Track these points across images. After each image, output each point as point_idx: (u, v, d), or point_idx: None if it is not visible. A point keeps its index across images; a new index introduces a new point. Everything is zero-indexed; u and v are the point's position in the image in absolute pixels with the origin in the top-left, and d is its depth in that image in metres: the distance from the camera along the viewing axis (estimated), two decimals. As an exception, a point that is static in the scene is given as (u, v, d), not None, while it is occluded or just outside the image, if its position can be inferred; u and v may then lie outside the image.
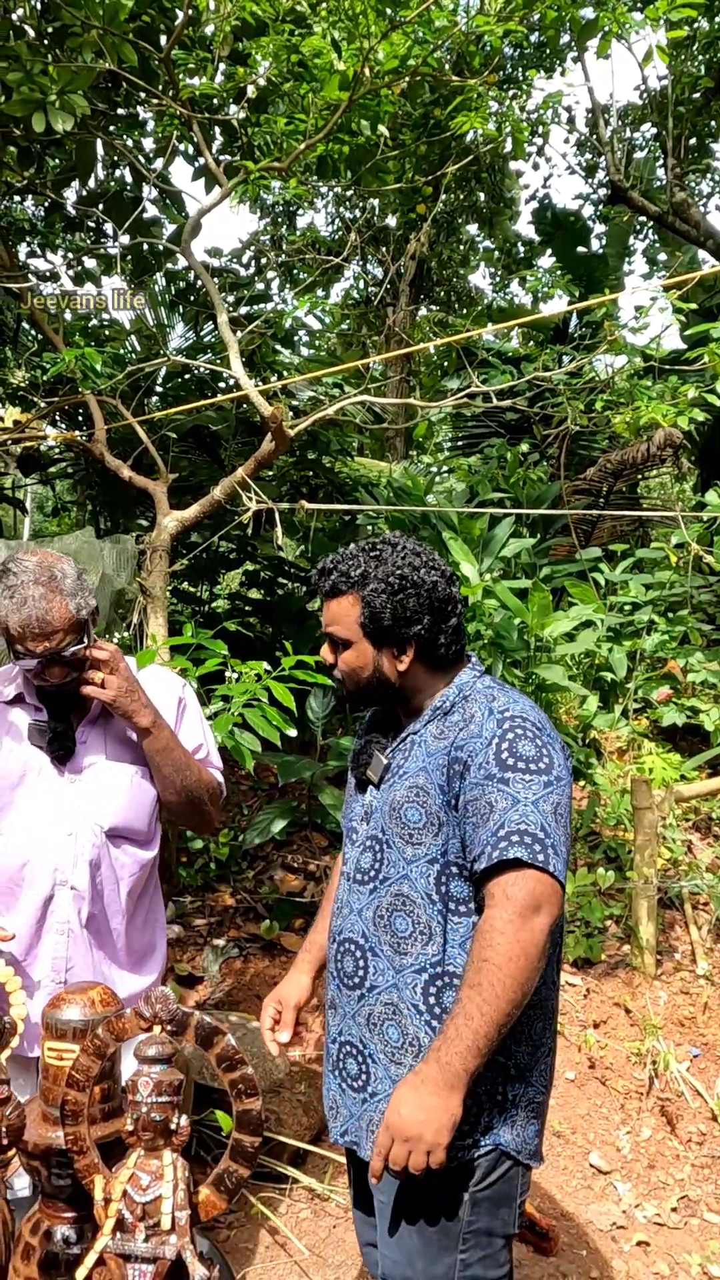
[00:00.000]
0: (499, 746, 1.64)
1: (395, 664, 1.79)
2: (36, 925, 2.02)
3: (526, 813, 1.58)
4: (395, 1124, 1.55)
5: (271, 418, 2.78)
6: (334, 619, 1.81)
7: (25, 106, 2.76)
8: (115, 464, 3.19)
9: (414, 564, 1.78)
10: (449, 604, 1.79)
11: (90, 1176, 1.56)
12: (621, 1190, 3.07)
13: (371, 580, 1.77)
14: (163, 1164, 1.49)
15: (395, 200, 5.84)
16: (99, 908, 2.06)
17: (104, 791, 2.07)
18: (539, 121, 7.02)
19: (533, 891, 1.56)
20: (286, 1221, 2.82)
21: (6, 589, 1.93)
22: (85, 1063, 1.57)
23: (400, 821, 1.73)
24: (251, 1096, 1.54)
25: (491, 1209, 1.72)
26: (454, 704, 1.76)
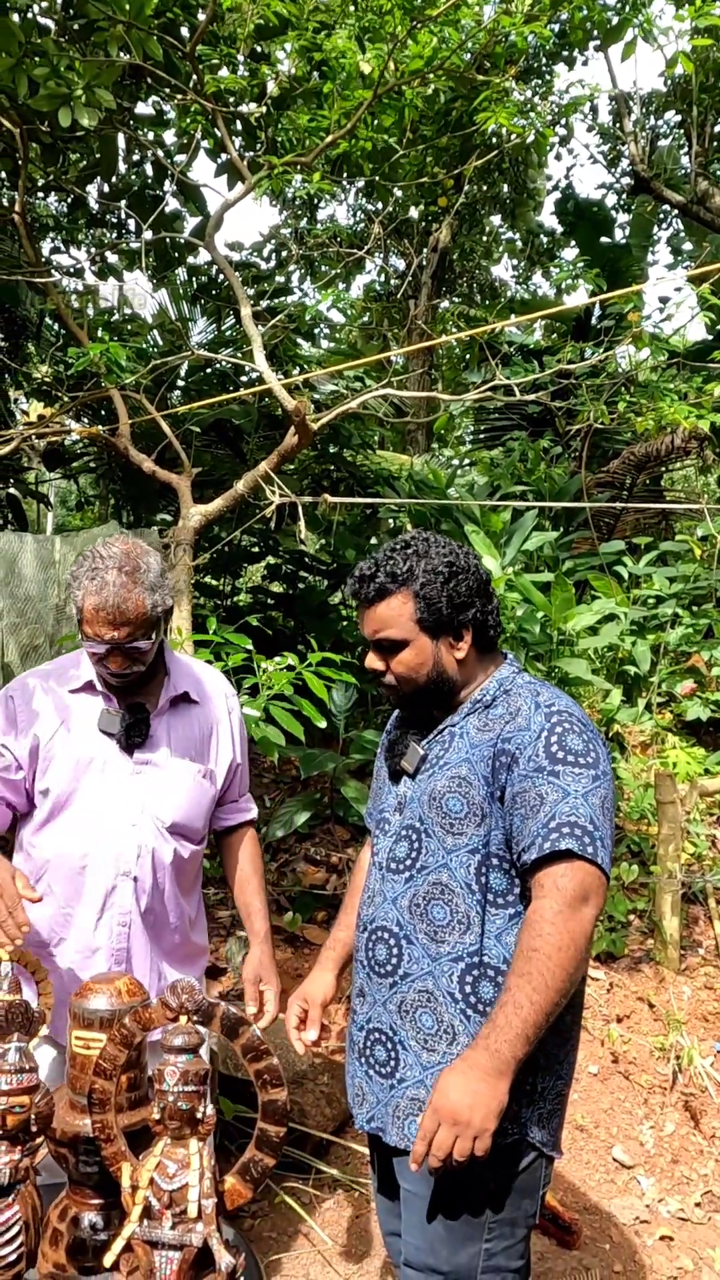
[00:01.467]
0: (548, 740, 1.65)
1: (454, 652, 1.80)
2: (98, 915, 2.03)
3: (576, 805, 1.60)
4: (443, 1107, 1.54)
5: (295, 411, 2.78)
6: (385, 622, 1.79)
7: (51, 101, 2.78)
8: (139, 458, 3.21)
9: (454, 550, 1.82)
10: (489, 584, 1.84)
11: (117, 1164, 1.58)
12: (645, 1185, 3.06)
13: (420, 574, 1.78)
14: (189, 1152, 1.51)
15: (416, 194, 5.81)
16: (157, 901, 2.07)
17: (168, 786, 2.08)
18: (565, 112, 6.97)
19: (582, 883, 1.57)
20: (310, 1211, 2.84)
21: (90, 570, 1.92)
22: (112, 1052, 1.59)
23: (441, 811, 1.74)
24: (277, 1086, 1.55)
25: (516, 1199, 1.72)
26: (495, 698, 1.78)
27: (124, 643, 1.92)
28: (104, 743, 2.05)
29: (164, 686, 2.13)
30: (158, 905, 2.07)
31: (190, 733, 2.14)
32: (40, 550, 2.72)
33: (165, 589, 2.00)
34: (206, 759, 2.16)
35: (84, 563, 1.96)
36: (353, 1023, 1.90)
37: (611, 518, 7.64)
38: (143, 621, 1.93)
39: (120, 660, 1.96)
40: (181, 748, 2.12)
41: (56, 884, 2.04)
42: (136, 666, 2.00)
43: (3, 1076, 1.44)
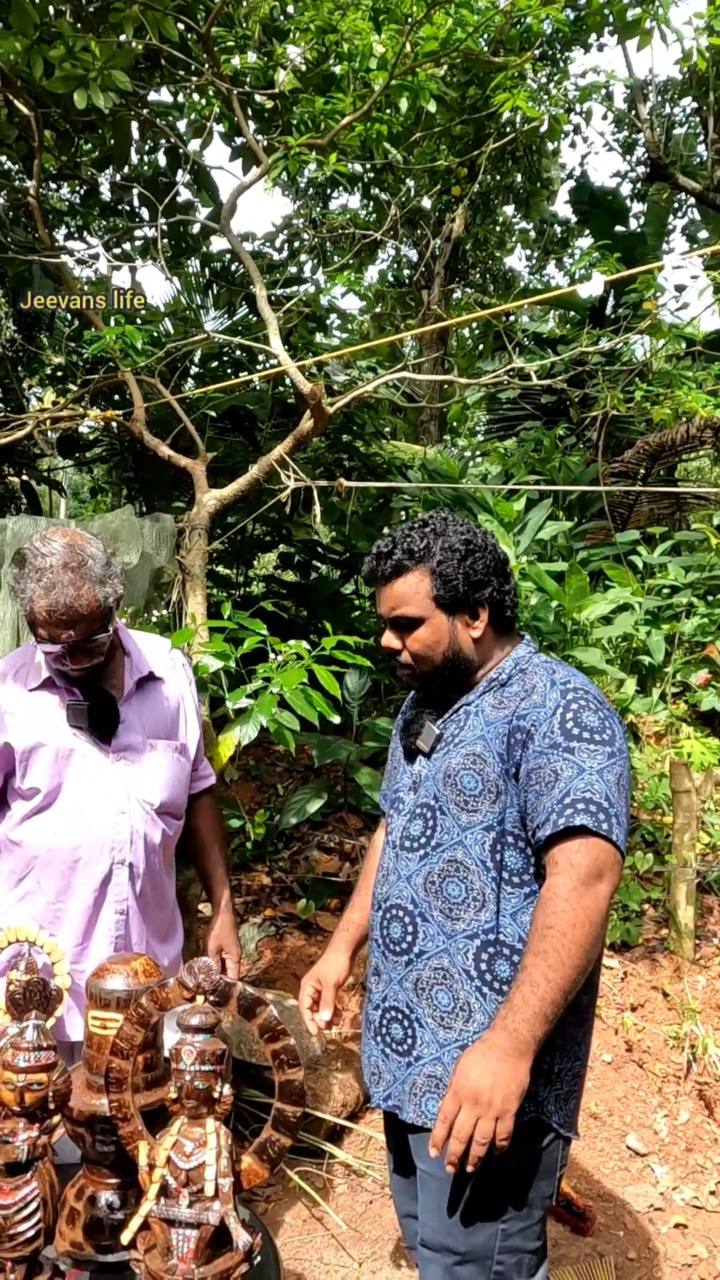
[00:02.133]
0: (564, 716, 1.65)
1: (470, 630, 1.80)
2: (94, 905, 2.03)
3: (591, 781, 1.59)
4: (463, 1088, 1.52)
5: (310, 394, 2.77)
6: (401, 599, 1.80)
7: (67, 83, 2.77)
8: (154, 443, 3.20)
9: (471, 529, 1.83)
10: (507, 564, 1.85)
11: (134, 1143, 1.58)
12: (659, 1173, 3.06)
13: (437, 551, 1.78)
14: (206, 1132, 1.51)
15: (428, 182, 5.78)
16: (149, 884, 2.08)
17: (150, 769, 2.08)
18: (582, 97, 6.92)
19: (596, 858, 1.57)
20: (323, 1196, 2.84)
21: (35, 570, 1.86)
22: (129, 1031, 1.59)
23: (456, 788, 1.74)
24: (294, 1067, 1.55)
25: (533, 1180, 1.72)
26: (510, 676, 1.78)
27: (81, 640, 1.89)
28: (78, 737, 2.04)
29: (126, 669, 2.10)
30: (149, 888, 2.08)
31: (159, 712, 2.14)
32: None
33: (114, 577, 1.94)
34: (178, 734, 2.16)
35: (27, 562, 1.89)
36: (369, 1001, 1.90)
37: (625, 508, 7.60)
38: (97, 616, 1.89)
39: (80, 657, 1.93)
40: (154, 728, 2.12)
41: (46, 879, 2.03)
42: (95, 660, 1.97)
43: (20, 1054, 1.44)
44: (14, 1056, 1.44)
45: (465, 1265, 1.71)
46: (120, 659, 2.11)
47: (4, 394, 5.97)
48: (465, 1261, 1.71)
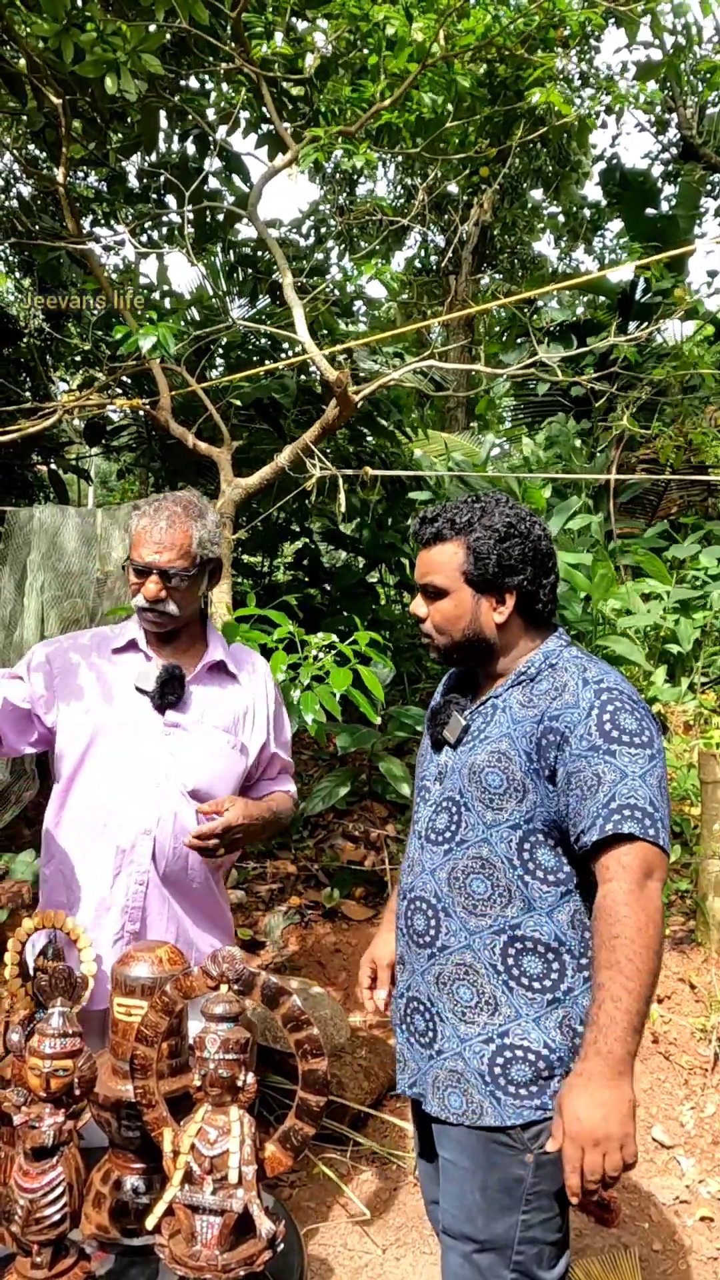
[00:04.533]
0: (600, 718, 1.63)
1: (495, 613, 1.78)
2: (114, 872, 2.04)
3: (635, 787, 1.58)
4: (577, 1132, 1.50)
5: (336, 382, 2.75)
6: (433, 567, 1.80)
7: (97, 68, 2.75)
8: (180, 431, 3.20)
9: (520, 514, 1.80)
10: (549, 559, 1.80)
11: (159, 1129, 1.59)
12: (685, 1165, 3.04)
13: (478, 527, 1.77)
14: (229, 1119, 1.52)
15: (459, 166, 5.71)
16: (177, 864, 2.07)
17: (195, 750, 2.08)
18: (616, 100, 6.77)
19: (645, 859, 1.56)
20: (348, 1183, 2.85)
21: (150, 502, 2.04)
22: (154, 1019, 1.60)
23: (480, 785, 1.72)
24: (317, 1056, 1.55)
25: (555, 1171, 1.70)
26: (540, 671, 1.75)
27: (163, 567, 1.98)
28: (137, 702, 2.07)
29: (202, 656, 2.15)
30: (176, 867, 2.07)
31: (224, 704, 2.15)
32: (83, 524, 2.74)
33: (215, 540, 2.06)
34: (238, 732, 2.16)
35: (144, 502, 2.07)
36: (396, 990, 1.91)
37: (656, 495, 7.52)
38: (186, 553, 2.00)
39: (155, 587, 2.00)
40: (214, 716, 2.13)
41: (79, 838, 2.07)
42: (170, 606, 2.03)
43: (46, 1040, 1.45)
44: (40, 1043, 1.45)
45: (485, 1254, 1.71)
46: (199, 646, 2.16)
47: (32, 382, 6.01)
48: (485, 1250, 1.71)
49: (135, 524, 2.04)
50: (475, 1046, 1.71)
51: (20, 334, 6.10)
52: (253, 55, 3.28)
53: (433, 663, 5.75)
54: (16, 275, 6.31)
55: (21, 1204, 1.44)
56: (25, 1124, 1.46)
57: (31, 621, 2.66)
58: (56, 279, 5.37)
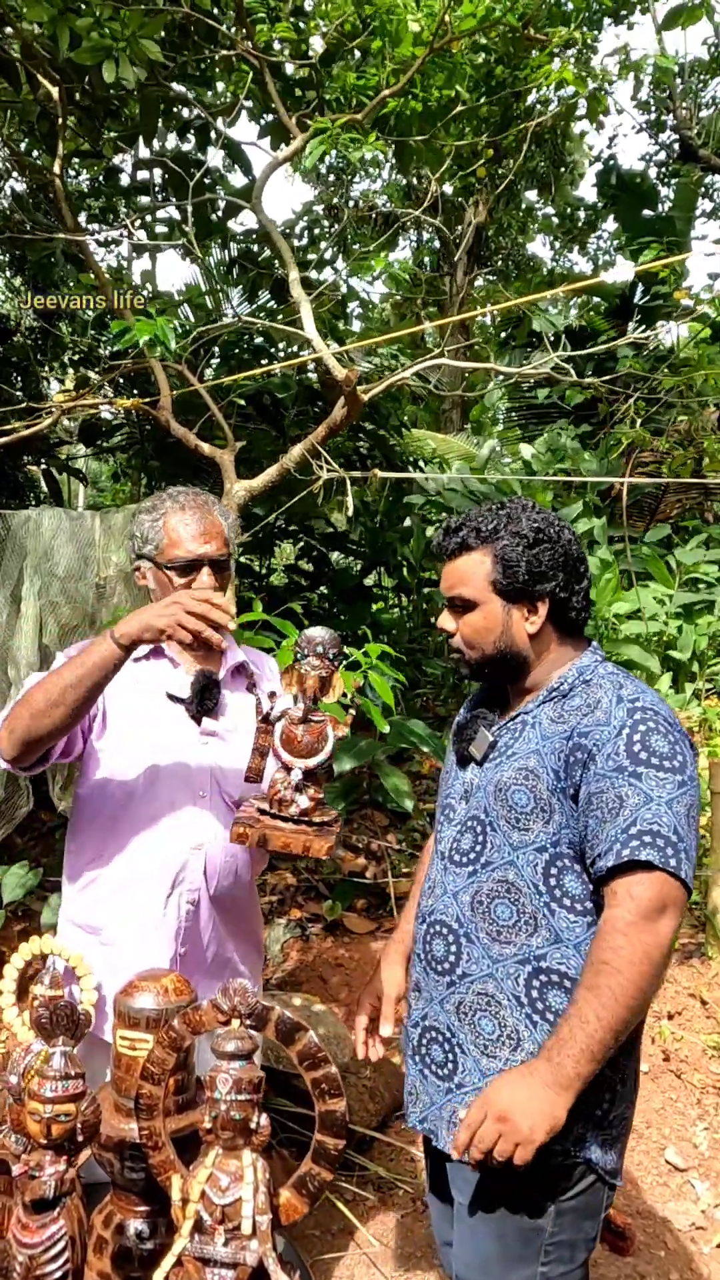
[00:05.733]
0: (630, 738, 1.54)
1: (526, 623, 1.69)
2: (166, 893, 1.93)
3: (660, 812, 1.48)
4: (494, 1102, 1.47)
5: (345, 380, 2.65)
6: (460, 579, 1.72)
7: (94, 55, 2.65)
8: (181, 431, 3.10)
9: (548, 519, 1.72)
10: (580, 564, 1.72)
11: (166, 1174, 1.49)
12: (700, 1189, 2.95)
13: (505, 534, 1.68)
14: (242, 1164, 1.42)
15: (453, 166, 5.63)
16: (226, 878, 1.98)
17: (236, 759, 1.97)
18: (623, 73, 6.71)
19: (660, 893, 1.47)
20: (353, 1209, 2.76)
21: (169, 499, 1.97)
22: (160, 1055, 1.50)
23: (506, 804, 1.64)
24: (336, 1097, 1.45)
25: (576, 1220, 1.61)
26: (573, 687, 1.66)
27: (216, 557, 1.92)
28: (171, 712, 1.96)
29: (222, 659, 2.06)
30: (227, 883, 1.98)
31: (252, 706, 2.05)
32: (77, 528, 2.64)
33: (234, 532, 2.03)
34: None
35: (158, 504, 1.98)
36: (408, 1017, 1.81)
37: (653, 499, 7.45)
38: (225, 539, 1.96)
39: (210, 579, 1.94)
40: (246, 721, 2.02)
41: (121, 856, 1.95)
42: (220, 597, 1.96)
43: (47, 1083, 1.35)
44: (40, 1086, 1.35)
45: None
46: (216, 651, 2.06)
47: (24, 382, 5.90)
48: None
49: (163, 524, 1.95)
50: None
51: (12, 333, 5.99)
52: (256, 40, 3.18)
53: (434, 670, 5.66)
54: (7, 274, 6.22)
55: (20, 1260, 1.35)
56: (24, 1173, 1.36)
57: (29, 628, 2.56)
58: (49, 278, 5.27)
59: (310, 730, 1.66)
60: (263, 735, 1.68)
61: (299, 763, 1.64)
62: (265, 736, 1.68)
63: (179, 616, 1.71)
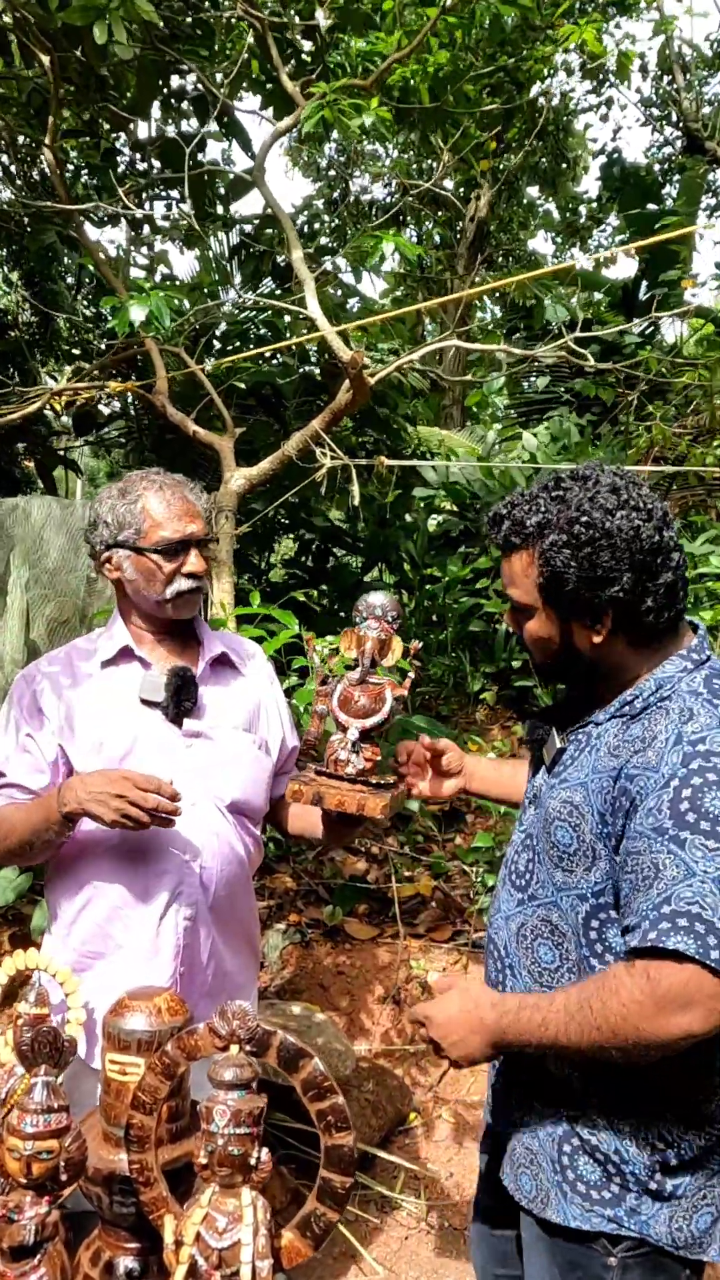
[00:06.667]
0: (678, 792, 1.28)
1: (590, 636, 1.41)
2: (160, 912, 1.81)
3: (702, 892, 1.24)
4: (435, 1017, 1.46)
5: (352, 363, 2.53)
6: (512, 579, 1.48)
7: (85, 14, 2.51)
8: (178, 417, 2.98)
9: (607, 506, 1.37)
10: (659, 555, 1.37)
11: (159, 1212, 1.37)
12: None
13: (550, 532, 1.39)
14: (241, 1204, 1.30)
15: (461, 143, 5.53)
16: (222, 888, 1.86)
17: (225, 759, 1.87)
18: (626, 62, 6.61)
19: (685, 987, 1.24)
20: (354, 1229, 2.64)
21: (143, 478, 1.88)
22: (152, 1083, 1.38)
23: (550, 841, 1.45)
24: (343, 1130, 1.34)
25: (644, 1275, 1.41)
26: (647, 705, 1.38)
27: (200, 536, 1.86)
28: (147, 716, 1.84)
29: (200, 655, 1.94)
30: (224, 894, 1.86)
31: (236, 701, 1.94)
32: (68, 516, 2.52)
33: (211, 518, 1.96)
34: (256, 729, 1.96)
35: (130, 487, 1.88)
36: None
37: (662, 494, 7.35)
38: (207, 520, 1.90)
39: (198, 559, 1.86)
40: (230, 716, 1.91)
41: (109, 880, 1.83)
42: (202, 583, 1.92)
43: (28, 1117, 1.24)
44: (20, 1120, 1.23)
45: None
46: (193, 644, 1.96)
47: (21, 378, 5.77)
48: None
49: (144, 504, 1.85)
50: (547, 1127, 1.47)
51: (9, 328, 5.87)
52: (258, 4, 3.03)
53: (436, 669, 5.55)
54: (5, 269, 6.08)
55: (-3, 1312, 1.23)
56: (3, 1216, 1.24)
57: (15, 623, 2.43)
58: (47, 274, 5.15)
59: (367, 692, 1.66)
60: (321, 698, 1.68)
61: (355, 723, 1.64)
62: (323, 699, 1.68)
63: (125, 809, 1.65)
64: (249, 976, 2.01)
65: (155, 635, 1.91)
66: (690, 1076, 1.37)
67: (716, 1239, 1.41)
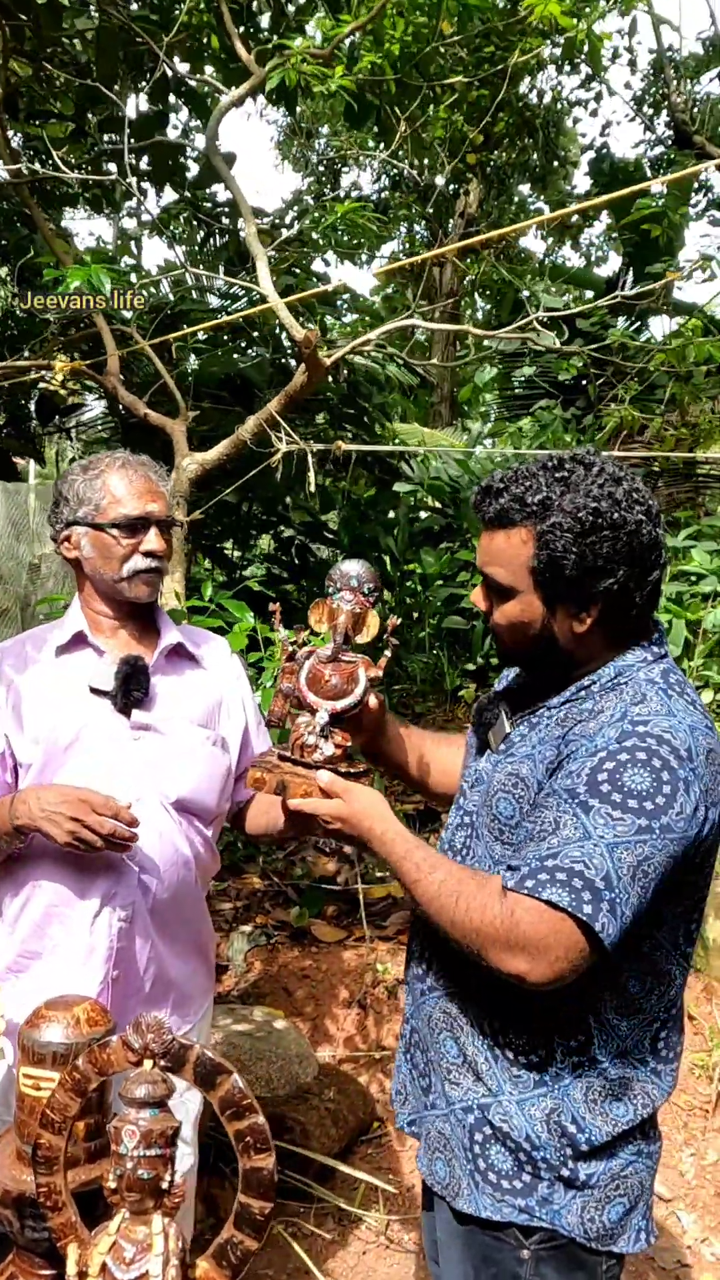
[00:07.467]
0: (601, 764, 1.25)
1: (572, 625, 1.36)
2: (94, 912, 1.72)
3: (591, 854, 1.21)
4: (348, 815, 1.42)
5: (305, 342, 2.44)
6: (495, 557, 1.38)
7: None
8: (129, 399, 2.88)
9: (615, 496, 1.31)
10: (653, 552, 1.34)
11: (66, 1238, 1.28)
12: (686, 1222, 2.76)
13: (555, 512, 1.31)
14: (151, 1232, 1.21)
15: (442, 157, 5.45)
16: (163, 889, 1.76)
17: (174, 754, 1.78)
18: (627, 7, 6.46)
19: (542, 936, 1.22)
20: (311, 1245, 2.55)
21: (108, 456, 1.85)
22: (62, 1100, 1.28)
23: (492, 813, 1.40)
24: (262, 1152, 1.24)
25: (561, 1268, 1.36)
26: (603, 689, 1.35)
27: (160, 516, 1.79)
28: (96, 706, 1.76)
29: (156, 642, 1.86)
30: (166, 896, 1.77)
31: (193, 693, 1.86)
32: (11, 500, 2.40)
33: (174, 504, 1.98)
34: (216, 725, 1.87)
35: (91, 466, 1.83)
36: (405, 1007, 1.61)
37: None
38: (168, 502, 1.85)
39: (158, 539, 1.79)
40: (185, 709, 1.83)
41: (45, 877, 1.74)
42: (165, 564, 1.84)
43: None
44: None
45: None
46: (151, 634, 1.89)
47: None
48: None
49: (105, 480, 1.80)
50: (459, 1114, 1.42)
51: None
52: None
53: (414, 666, 5.46)
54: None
55: None
56: None
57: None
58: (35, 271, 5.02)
59: (340, 671, 1.51)
60: (286, 675, 1.54)
61: (326, 705, 1.49)
62: (289, 676, 1.54)
63: (79, 831, 1.58)
64: (198, 986, 1.91)
65: (113, 621, 1.83)
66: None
67: (629, 1230, 1.38)
